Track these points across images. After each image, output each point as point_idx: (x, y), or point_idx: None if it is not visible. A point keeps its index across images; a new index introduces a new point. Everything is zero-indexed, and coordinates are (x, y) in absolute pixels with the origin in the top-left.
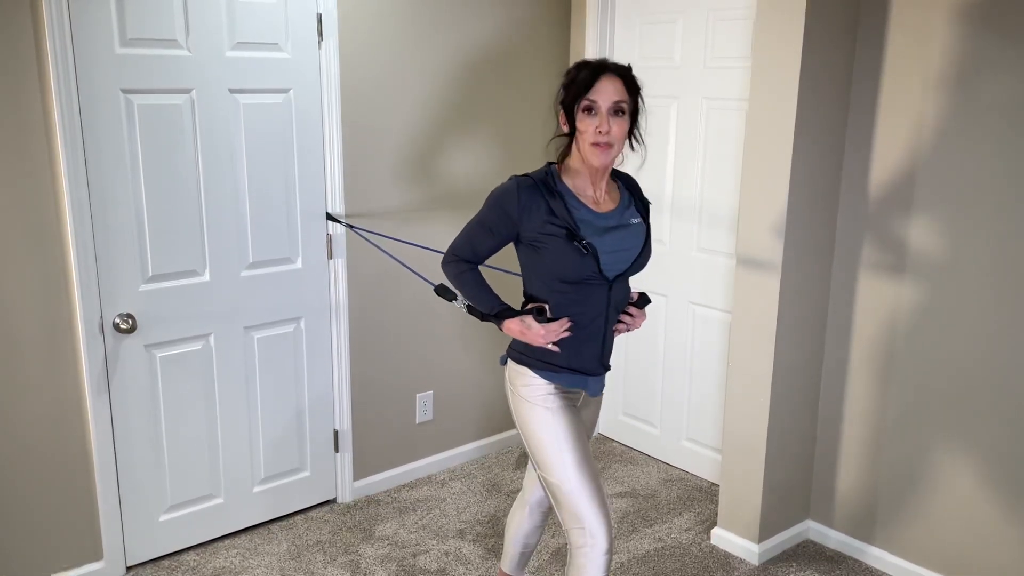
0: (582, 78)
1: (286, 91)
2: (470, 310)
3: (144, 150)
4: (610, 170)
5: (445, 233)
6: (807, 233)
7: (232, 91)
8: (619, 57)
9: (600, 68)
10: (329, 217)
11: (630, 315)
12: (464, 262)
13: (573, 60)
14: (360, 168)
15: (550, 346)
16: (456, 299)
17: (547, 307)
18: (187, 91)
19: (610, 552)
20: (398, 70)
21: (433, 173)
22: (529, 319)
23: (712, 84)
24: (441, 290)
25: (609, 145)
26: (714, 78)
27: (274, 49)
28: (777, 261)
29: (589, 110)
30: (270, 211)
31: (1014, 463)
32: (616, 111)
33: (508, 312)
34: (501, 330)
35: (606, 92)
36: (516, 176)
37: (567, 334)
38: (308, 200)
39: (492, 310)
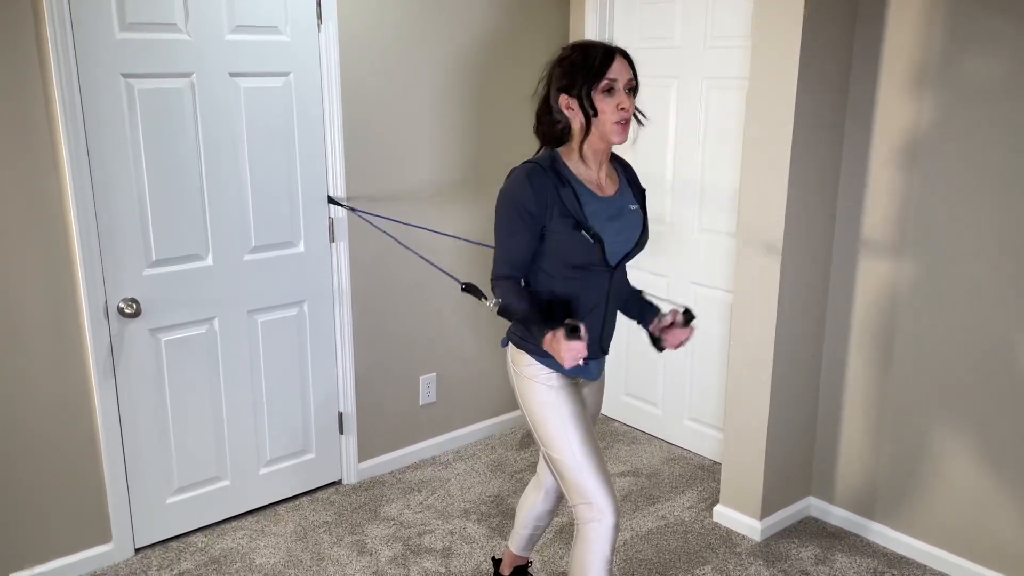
0: (598, 61)
1: (286, 75)
2: (500, 312)
3: (145, 135)
4: (610, 152)
5: (447, 216)
6: (808, 212)
7: (232, 75)
8: (619, 37)
9: (610, 49)
10: (331, 200)
11: (672, 327)
12: (509, 280)
13: (573, 41)
14: (361, 151)
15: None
16: (485, 299)
17: (582, 327)
18: (187, 75)
19: (617, 526)
20: (398, 53)
21: (434, 155)
22: (560, 333)
23: (712, 63)
24: (470, 289)
25: (628, 121)
26: (714, 57)
27: (273, 32)
28: (778, 240)
29: (610, 90)
30: (272, 195)
31: (1014, 440)
32: (629, 89)
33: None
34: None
35: (622, 71)
36: (521, 167)
37: (582, 362)
38: (309, 183)
39: (540, 333)
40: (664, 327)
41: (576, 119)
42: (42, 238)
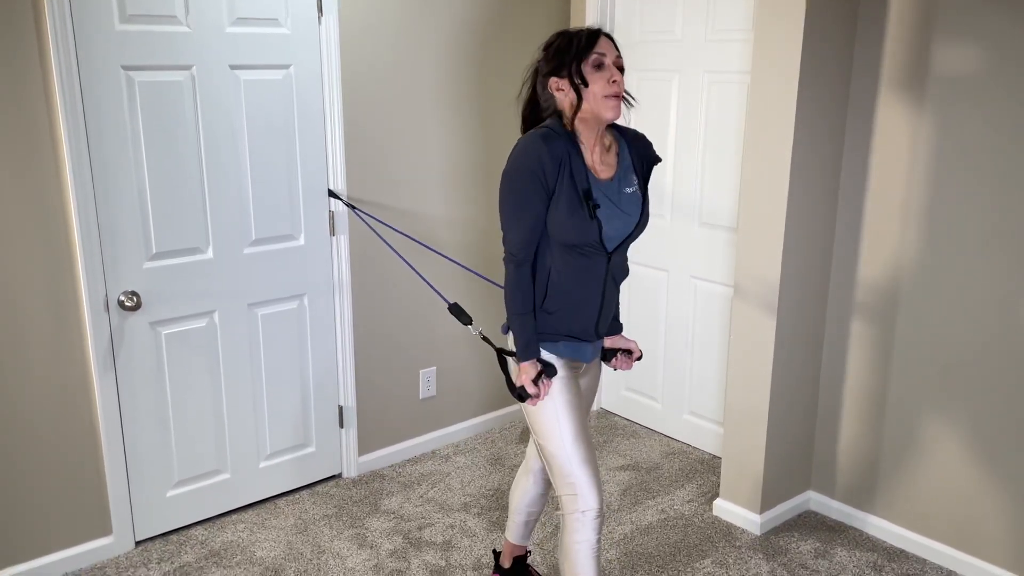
0: (584, 38)
1: (286, 67)
2: (484, 339)
3: (146, 127)
4: (604, 132)
5: (450, 207)
6: (809, 206)
7: (232, 67)
8: (620, 31)
9: (593, 28)
10: (331, 194)
11: (626, 354)
12: (524, 264)
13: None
14: (361, 143)
15: (530, 394)
16: (471, 324)
17: (558, 372)
18: (187, 67)
19: (601, 516)
20: (398, 45)
21: (435, 146)
22: (535, 372)
23: (713, 57)
24: (456, 310)
25: (620, 96)
26: (716, 51)
27: (274, 25)
28: (779, 233)
29: (599, 65)
30: (272, 188)
31: (1014, 434)
32: (618, 67)
33: (531, 355)
34: (507, 362)
35: (609, 48)
36: (529, 134)
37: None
38: (310, 177)
39: (525, 350)
40: (624, 349)
41: (566, 99)
42: (42, 231)
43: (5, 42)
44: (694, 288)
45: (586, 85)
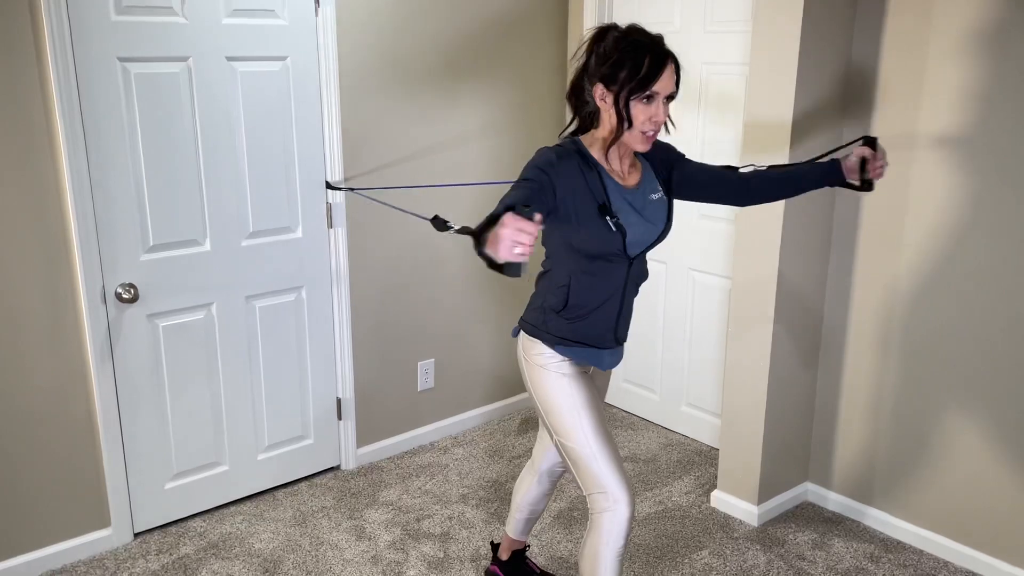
0: (646, 68)
1: (283, 59)
2: (463, 230)
3: (142, 119)
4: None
5: (447, 201)
6: (807, 199)
7: (229, 59)
8: (618, 21)
9: (664, 56)
10: (328, 186)
11: (871, 161)
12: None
13: (572, 24)
14: (359, 135)
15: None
16: (448, 226)
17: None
18: (184, 59)
19: (632, 517)
20: (395, 37)
21: (433, 139)
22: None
23: (712, 49)
24: (436, 222)
25: (657, 133)
26: (714, 42)
27: (271, 16)
28: (777, 226)
29: (649, 99)
30: (270, 180)
31: (1011, 425)
32: (670, 97)
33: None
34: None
35: (668, 82)
36: (548, 147)
37: (522, 253)
38: (307, 169)
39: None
40: (870, 163)
41: (607, 114)
42: (39, 223)
43: (1, 34)
44: (692, 280)
45: (630, 125)
